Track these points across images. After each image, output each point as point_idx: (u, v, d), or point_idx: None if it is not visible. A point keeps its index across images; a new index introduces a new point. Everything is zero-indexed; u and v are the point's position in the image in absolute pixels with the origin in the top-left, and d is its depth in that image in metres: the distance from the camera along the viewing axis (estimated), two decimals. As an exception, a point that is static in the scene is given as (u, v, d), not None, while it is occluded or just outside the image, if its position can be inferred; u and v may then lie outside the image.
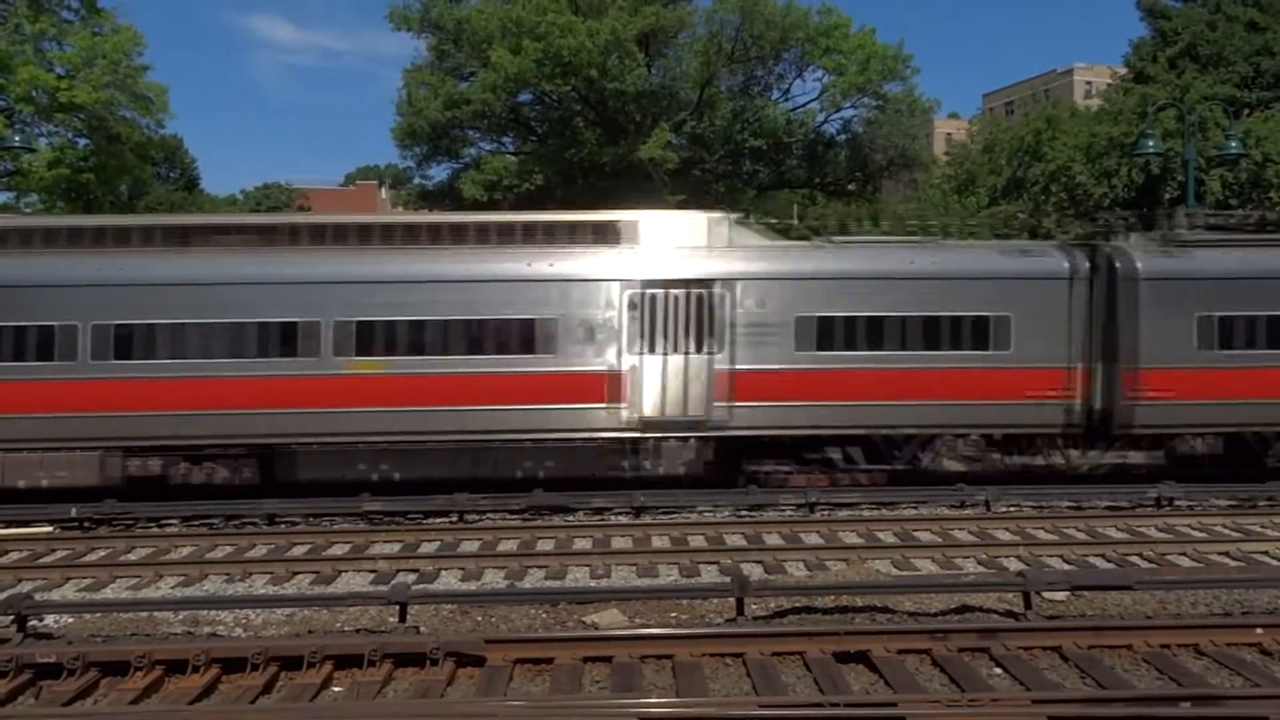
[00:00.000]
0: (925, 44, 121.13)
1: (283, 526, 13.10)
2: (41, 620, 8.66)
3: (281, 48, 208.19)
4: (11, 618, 8.26)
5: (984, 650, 7.66)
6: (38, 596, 9.21)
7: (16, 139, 26.79)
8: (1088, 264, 15.32)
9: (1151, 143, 24.38)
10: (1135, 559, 11.07)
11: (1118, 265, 15.17)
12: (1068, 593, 9.22)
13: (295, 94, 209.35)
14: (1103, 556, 11.15)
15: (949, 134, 74.25)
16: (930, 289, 14.92)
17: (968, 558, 11.12)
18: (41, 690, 7.16)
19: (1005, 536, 12.09)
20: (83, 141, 30.41)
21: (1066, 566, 10.75)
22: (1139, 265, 15.07)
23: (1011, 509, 13.79)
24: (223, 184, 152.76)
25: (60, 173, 29.21)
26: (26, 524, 13.09)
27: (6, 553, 11.81)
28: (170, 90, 31.71)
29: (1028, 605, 8.75)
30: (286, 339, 14.23)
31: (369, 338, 14.31)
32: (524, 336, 14.48)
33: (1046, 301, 15.02)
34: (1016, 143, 44.80)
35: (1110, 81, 49.26)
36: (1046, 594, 9.07)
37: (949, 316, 14.89)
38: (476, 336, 14.50)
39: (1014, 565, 10.70)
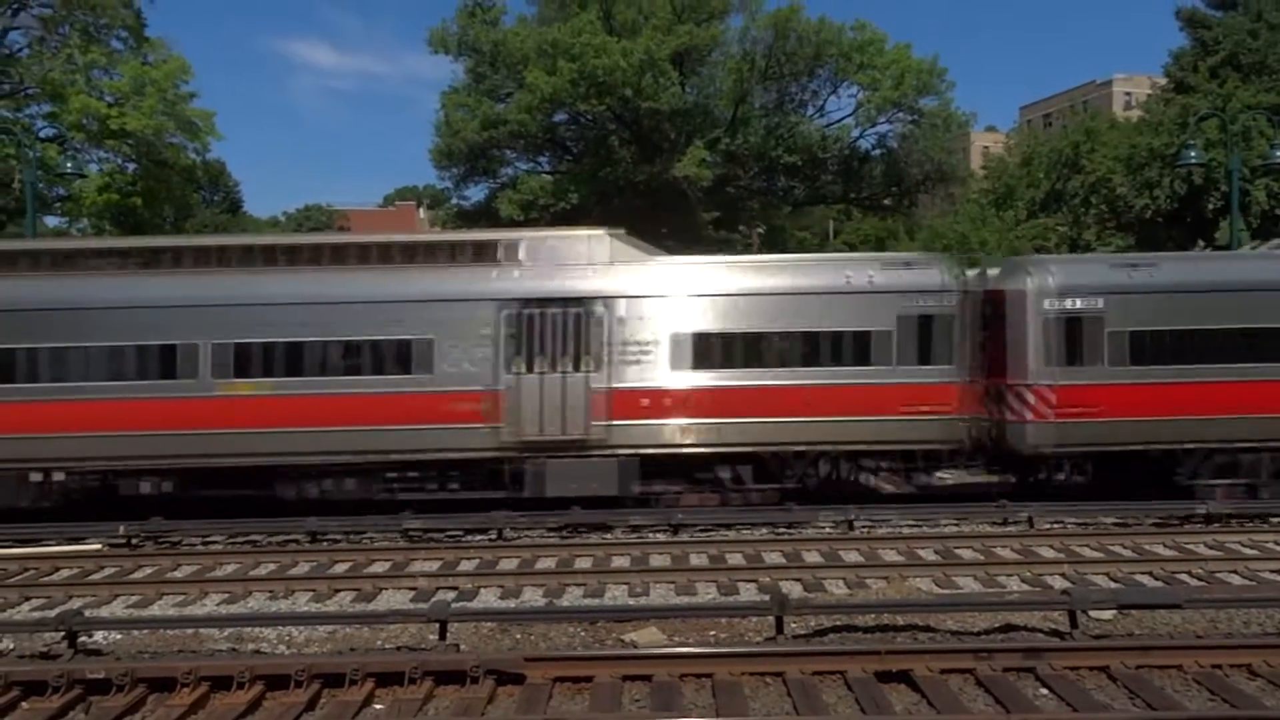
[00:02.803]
0: (962, 57, 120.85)
1: (324, 544, 13.26)
2: (91, 636, 8.83)
3: (322, 72, 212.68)
4: (63, 633, 8.43)
5: (1029, 670, 7.54)
6: (87, 613, 9.38)
7: (69, 165, 27.57)
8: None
9: (1194, 153, 24.02)
10: (1184, 577, 10.82)
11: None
12: (1114, 611, 9.05)
13: (335, 117, 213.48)
14: (1150, 574, 10.92)
15: (986, 147, 73.73)
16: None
17: (1011, 575, 10.94)
18: (91, 706, 7.30)
19: (1049, 554, 11.89)
20: (131, 166, 31.18)
21: (1113, 584, 10.54)
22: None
23: (1055, 525, 13.57)
24: (265, 206, 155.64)
25: (110, 197, 29.97)
26: (77, 541, 13.39)
27: (58, 569, 12.07)
28: (216, 115, 32.50)
29: (1073, 624, 8.60)
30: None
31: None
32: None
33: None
34: (1055, 155, 44.44)
35: (1150, 92, 48.59)
36: (1093, 613, 8.91)
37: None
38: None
39: (1059, 583, 10.52)
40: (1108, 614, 9.05)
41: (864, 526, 13.65)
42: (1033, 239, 43.18)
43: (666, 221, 34.63)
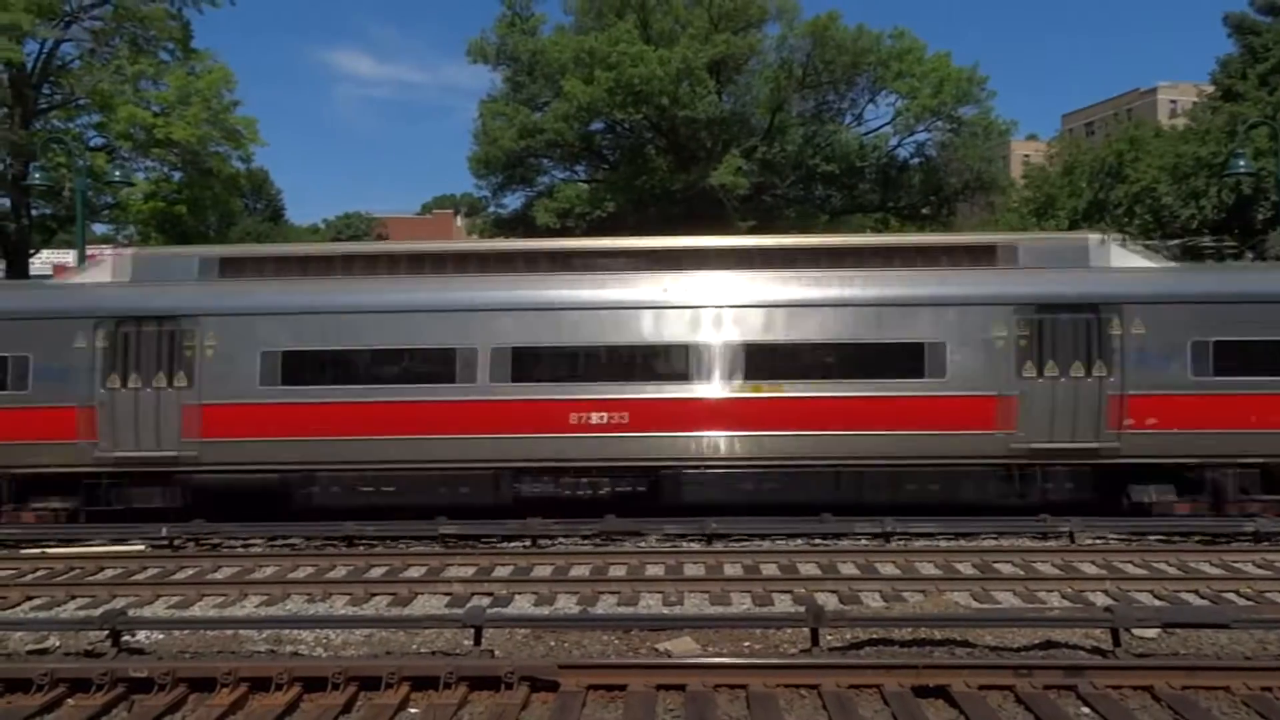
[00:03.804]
0: (1003, 65, 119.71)
1: (361, 548, 13.39)
2: (134, 635, 8.98)
3: (362, 81, 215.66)
4: (106, 632, 8.59)
5: (1071, 688, 7.39)
6: (130, 613, 9.54)
7: (116, 174, 28.26)
8: None
9: (1243, 162, 23.55)
10: (1231, 596, 10.57)
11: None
12: (1159, 630, 8.86)
13: (374, 126, 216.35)
14: (1196, 593, 10.67)
15: (1026, 156, 72.88)
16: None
17: (1051, 591, 10.76)
18: (134, 704, 7.42)
19: (1091, 570, 11.68)
20: (176, 175, 31.81)
21: (1157, 602, 10.33)
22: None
23: (1098, 541, 13.34)
24: (305, 214, 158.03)
25: (156, 205, 30.62)
26: (120, 541, 13.65)
27: (102, 569, 12.31)
28: (259, 123, 33.08)
29: (1116, 642, 8.43)
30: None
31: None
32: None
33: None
34: (1098, 164, 43.78)
35: (1197, 99, 47.78)
36: (1136, 631, 8.72)
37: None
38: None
39: (1101, 600, 10.33)
40: (1152, 632, 8.86)
41: (901, 539, 13.50)
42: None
43: (702, 230, 34.58)
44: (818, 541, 13.59)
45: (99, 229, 37.31)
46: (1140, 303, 14.20)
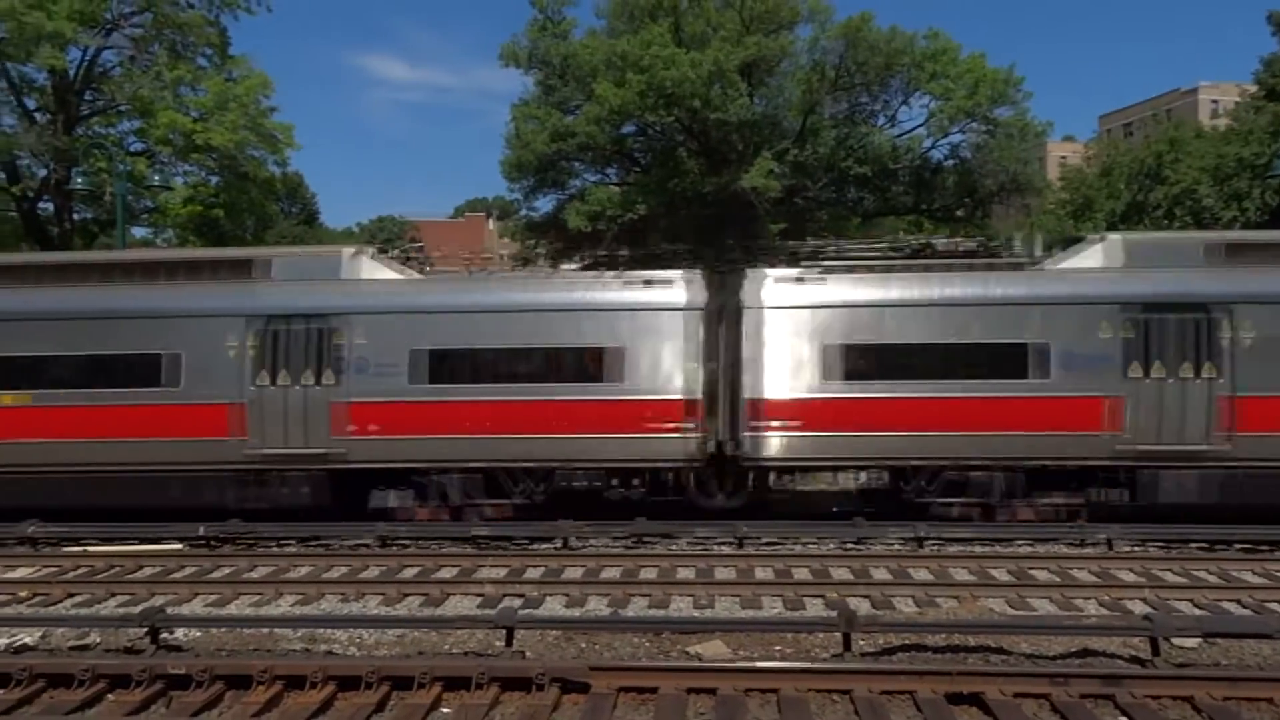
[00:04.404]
0: (1039, 66, 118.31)
1: (394, 549, 13.50)
2: (172, 633, 9.12)
3: (395, 85, 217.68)
4: (145, 629, 8.73)
5: (1108, 697, 7.28)
6: (169, 610, 9.69)
7: (156, 178, 28.71)
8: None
9: (1287, 163, 23.09)
10: (1275, 606, 10.35)
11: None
12: (1199, 640, 8.70)
13: (407, 130, 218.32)
14: (1238, 602, 10.47)
15: (1063, 158, 71.89)
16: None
17: (1089, 599, 10.60)
18: (172, 700, 7.53)
19: (1129, 578, 11.49)
20: (214, 179, 32.27)
21: (1197, 612, 10.14)
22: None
23: (1136, 549, 13.12)
24: (339, 217, 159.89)
25: (194, 209, 31.07)
26: (159, 541, 13.87)
27: (141, 567, 12.52)
28: (295, 128, 33.44)
29: (1155, 651, 8.29)
30: None
31: None
32: None
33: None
34: (1136, 165, 43.12)
35: (1239, 99, 46.87)
36: (1176, 641, 8.57)
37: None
38: None
39: (1139, 608, 10.15)
40: (1192, 642, 8.70)
41: (934, 544, 13.37)
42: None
43: (734, 233, 34.51)
44: (849, 546, 13.50)
45: (138, 232, 37.95)
46: (360, 314, 14.74)
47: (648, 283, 14.89)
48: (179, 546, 13.73)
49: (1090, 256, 14.99)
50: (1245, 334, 13.97)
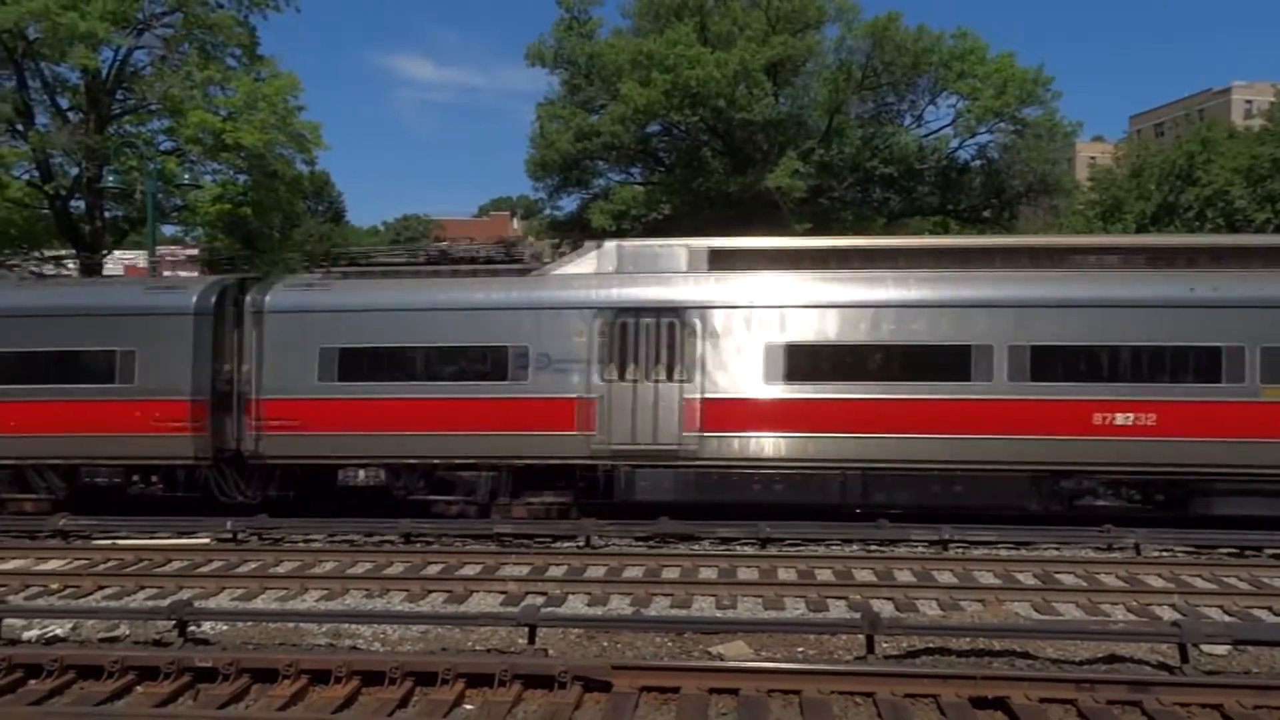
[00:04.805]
0: (1069, 65, 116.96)
1: (418, 545, 13.58)
2: (199, 626, 9.23)
3: (421, 85, 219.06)
4: (174, 623, 8.84)
5: (1136, 704, 7.19)
6: (196, 604, 9.81)
7: (186, 177, 29.04)
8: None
9: (1323, 164, 22.72)
10: (1307, 613, 10.19)
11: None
12: (1229, 647, 8.58)
13: (433, 129, 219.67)
14: (1269, 609, 10.30)
15: (1092, 158, 71.14)
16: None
17: (1116, 604, 10.48)
18: (199, 693, 7.63)
19: (1157, 583, 11.34)
20: (242, 178, 32.60)
21: (1227, 618, 9.99)
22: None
23: (1164, 554, 12.96)
24: (365, 216, 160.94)
25: (223, 207, 31.39)
26: (187, 535, 14.04)
27: (170, 561, 12.68)
28: (322, 127, 33.71)
29: (1184, 658, 8.19)
30: None
31: None
32: None
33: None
34: (1167, 166, 42.60)
35: (1275, 99, 46.17)
36: (1205, 647, 8.46)
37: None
38: None
39: (1167, 614, 10.03)
40: (1221, 649, 8.58)
41: (959, 547, 13.27)
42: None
43: (758, 233, 34.43)
44: (873, 548, 13.43)
45: (168, 230, 38.39)
46: None
47: (168, 289, 15.86)
48: (207, 541, 13.89)
49: (585, 263, 15.37)
50: (715, 339, 14.39)
